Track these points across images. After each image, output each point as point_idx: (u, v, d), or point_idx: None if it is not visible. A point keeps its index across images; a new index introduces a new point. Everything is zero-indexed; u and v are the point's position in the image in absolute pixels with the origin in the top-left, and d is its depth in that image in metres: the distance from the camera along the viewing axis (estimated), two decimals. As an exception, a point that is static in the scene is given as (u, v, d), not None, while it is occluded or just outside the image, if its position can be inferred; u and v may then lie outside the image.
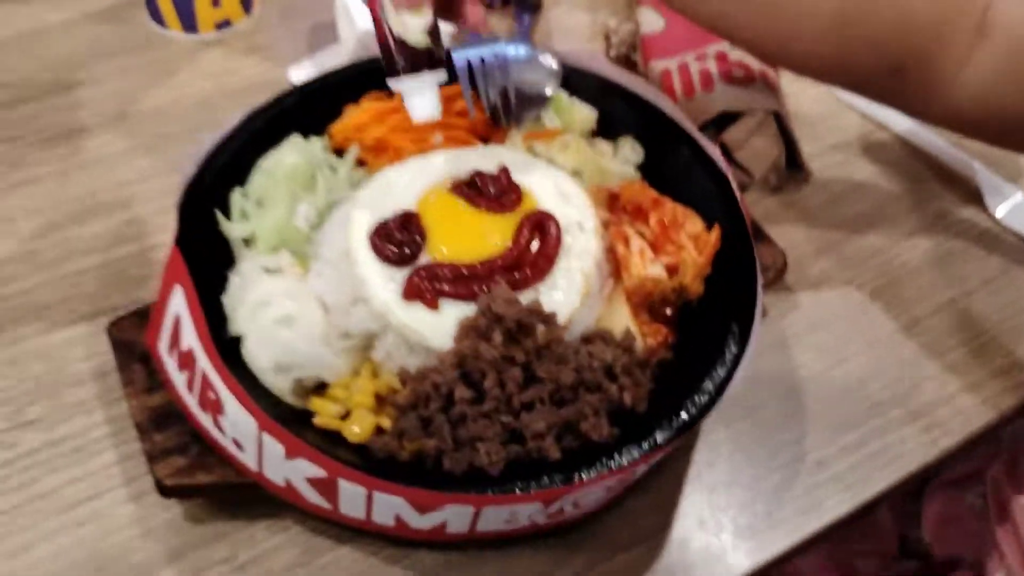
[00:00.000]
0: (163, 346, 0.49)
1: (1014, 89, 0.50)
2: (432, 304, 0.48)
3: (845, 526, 0.52)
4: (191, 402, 0.47)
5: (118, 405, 0.53)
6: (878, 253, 0.62)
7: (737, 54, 0.64)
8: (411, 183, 0.53)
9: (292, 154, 0.55)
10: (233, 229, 0.52)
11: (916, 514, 0.70)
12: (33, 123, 0.66)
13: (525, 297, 0.48)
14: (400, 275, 0.49)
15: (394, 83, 0.51)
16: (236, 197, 0.54)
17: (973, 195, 0.66)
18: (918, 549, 0.70)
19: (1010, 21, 0.49)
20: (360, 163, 0.57)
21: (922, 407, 0.55)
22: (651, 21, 0.69)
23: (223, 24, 0.72)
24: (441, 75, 0.51)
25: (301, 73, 0.70)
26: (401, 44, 0.50)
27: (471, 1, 0.52)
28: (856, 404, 0.55)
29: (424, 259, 0.50)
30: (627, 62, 0.72)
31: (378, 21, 0.50)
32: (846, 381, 0.56)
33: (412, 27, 0.49)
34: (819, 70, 0.53)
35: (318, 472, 0.44)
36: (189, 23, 0.71)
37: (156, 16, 0.72)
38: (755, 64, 0.64)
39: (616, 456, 0.45)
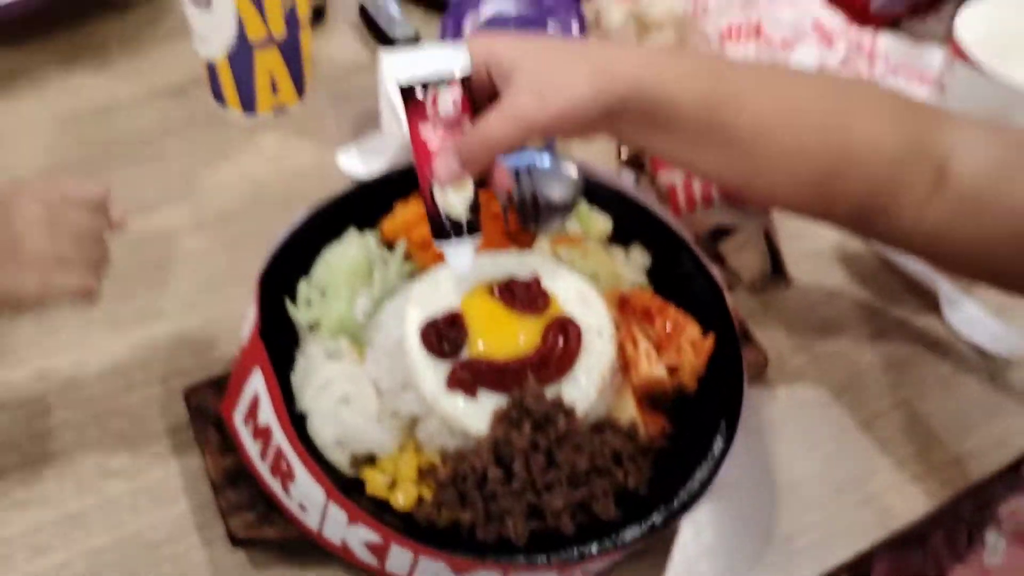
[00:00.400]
0: (239, 417, 0.57)
1: (963, 233, 0.57)
2: (472, 394, 0.57)
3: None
4: (262, 468, 0.56)
5: (190, 459, 0.61)
6: (845, 354, 0.72)
7: (734, 174, 0.73)
8: (456, 283, 0.61)
9: (352, 248, 0.63)
10: (300, 315, 0.61)
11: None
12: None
13: (549, 391, 0.57)
14: (444, 366, 0.58)
15: (438, 244, 0.58)
16: (303, 287, 0.62)
17: (932, 304, 0.75)
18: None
19: (965, 172, 0.56)
20: (407, 256, 0.66)
21: (876, 493, 0.65)
22: (660, 133, 0.78)
23: (279, 107, 0.81)
24: (478, 239, 0.58)
25: (348, 158, 0.79)
26: (446, 215, 0.57)
27: (499, 171, 0.58)
28: (820, 487, 0.65)
29: (465, 353, 0.58)
30: (636, 166, 0.81)
31: (426, 194, 0.57)
32: (813, 467, 0.66)
33: (455, 203, 0.57)
34: (793, 210, 0.61)
35: (374, 537, 0.53)
36: (249, 104, 0.80)
37: (218, 96, 0.80)
38: (750, 185, 0.73)
39: (620, 534, 0.54)
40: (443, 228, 0.57)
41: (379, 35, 0.88)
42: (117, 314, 0.67)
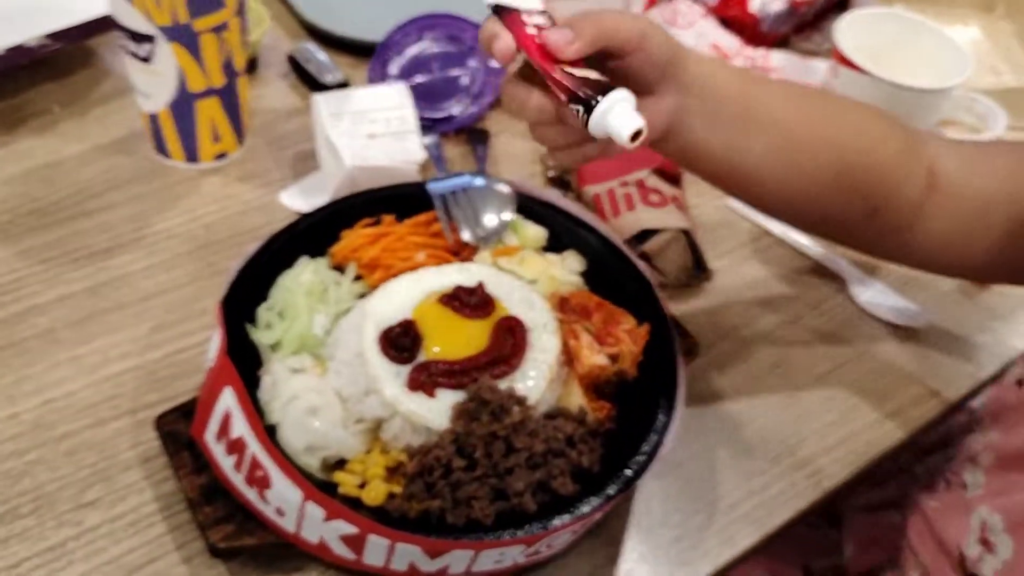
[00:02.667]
0: (211, 436, 0.60)
1: (961, 238, 0.65)
2: (431, 393, 0.61)
3: (755, 553, 0.66)
4: (238, 480, 0.59)
5: (164, 485, 0.64)
6: (768, 336, 0.78)
7: (652, 182, 0.80)
8: (407, 295, 0.66)
9: (306, 273, 0.68)
10: (263, 337, 0.65)
11: (831, 542, 0.85)
12: (63, 245, 0.77)
13: (503, 385, 0.62)
14: (404, 371, 0.62)
15: (592, 116, 0.52)
16: (262, 311, 0.66)
17: (841, 286, 0.83)
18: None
19: (948, 172, 0.65)
20: (357, 278, 0.70)
21: (807, 457, 0.71)
22: (582, 151, 0.84)
23: (220, 155, 0.85)
24: (623, 91, 0.52)
25: (290, 196, 0.83)
26: (580, 79, 0.52)
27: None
28: (757, 457, 0.70)
29: (421, 357, 0.63)
30: (562, 183, 0.88)
31: (556, 80, 0.53)
32: (749, 439, 0.71)
33: (584, 72, 0.53)
34: (814, 215, 0.66)
35: (352, 530, 0.56)
36: (192, 154, 0.83)
37: (162, 149, 0.84)
38: (668, 191, 0.80)
39: (580, 507, 0.58)
40: (585, 97, 0.52)
41: (310, 82, 0.93)
42: (81, 356, 0.70)
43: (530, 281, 0.71)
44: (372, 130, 0.82)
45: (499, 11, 0.56)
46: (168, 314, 0.73)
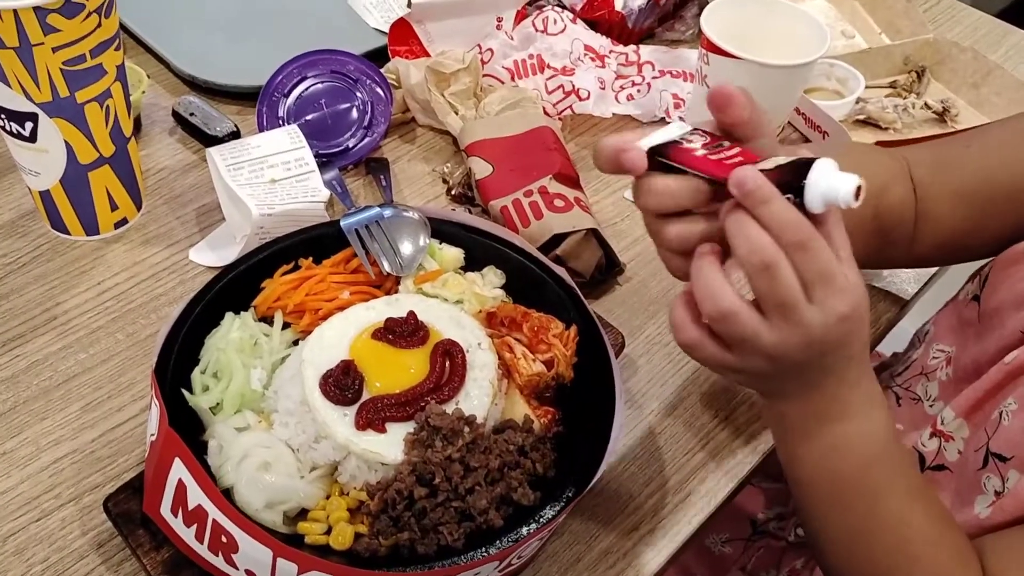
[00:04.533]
0: (166, 509, 0.60)
1: (961, 233, 0.75)
2: (381, 429, 0.62)
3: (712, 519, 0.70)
4: (201, 549, 0.59)
5: (123, 567, 0.63)
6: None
7: (555, 188, 0.83)
8: (340, 336, 0.66)
9: (234, 330, 0.67)
10: (201, 401, 0.64)
11: (780, 494, 0.89)
12: (-31, 339, 0.74)
13: (449, 408, 0.63)
14: (350, 411, 0.63)
15: (812, 188, 0.51)
16: (196, 376, 0.66)
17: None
18: (767, 528, 0.90)
19: (922, 180, 0.75)
20: (285, 325, 0.70)
21: (740, 425, 0.75)
22: (481, 168, 0.86)
23: (120, 223, 0.83)
24: (823, 160, 0.52)
25: (200, 252, 0.82)
26: (776, 170, 0.52)
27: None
28: (697, 431, 0.74)
29: (365, 395, 0.64)
30: (466, 199, 0.89)
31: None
32: (687, 416, 0.75)
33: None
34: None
35: (328, 578, 0.57)
36: (91, 227, 0.82)
37: (58, 225, 0.82)
38: (570, 194, 0.83)
39: (544, 513, 0.60)
40: (792, 179, 0.52)
41: (198, 135, 0.92)
42: (11, 451, 0.68)
43: (456, 302, 0.72)
44: (272, 175, 0.82)
45: (658, 151, 0.55)
46: (95, 392, 0.72)
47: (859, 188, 0.50)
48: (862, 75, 1.03)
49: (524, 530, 0.59)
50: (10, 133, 0.75)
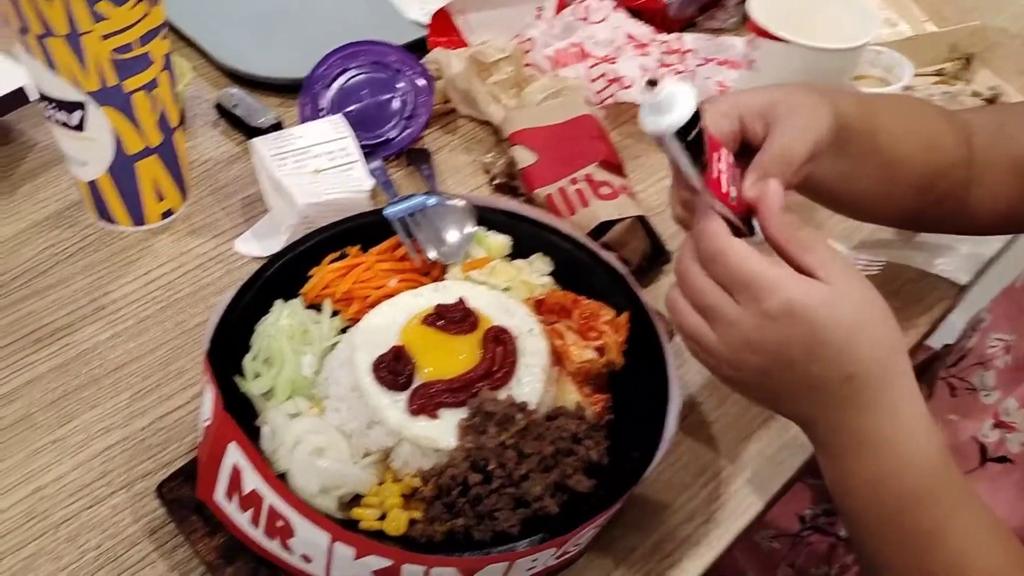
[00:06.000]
0: (220, 495, 0.59)
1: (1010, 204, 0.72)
2: (433, 415, 0.61)
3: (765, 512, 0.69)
4: (257, 534, 0.58)
5: (176, 553, 0.62)
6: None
7: (600, 175, 0.82)
8: (389, 322, 0.66)
9: (284, 317, 0.67)
10: (253, 387, 0.64)
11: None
12: (20, 327, 0.74)
13: (501, 394, 0.63)
14: (402, 397, 0.62)
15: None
16: (247, 362, 0.65)
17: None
18: (816, 523, 0.88)
19: (979, 144, 0.71)
20: (334, 313, 0.70)
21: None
22: (524, 157, 0.86)
23: (166, 213, 0.83)
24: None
25: (245, 243, 0.82)
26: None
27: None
28: (751, 420, 0.73)
29: (416, 381, 0.63)
30: (509, 189, 0.89)
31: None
32: (740, 403, 0.74)
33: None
34: (881, 221, 0.77)
35: (385, 563, 0.56)
36: (138, 217, 0.82)
37: (105, 216, 0.82)
38: (616, 182, 0.82)
39: (602, 501, 0.59)
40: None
41: (241, 127, 0.92)
42: (63, 438, 0.68)
43: (504, 289, 0.72)
44: (316, 165, 0.82)
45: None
46: (145, 380, 0.72)
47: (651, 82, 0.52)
48: (910, 63, 1.01)
49: (582, 517, 0.58)
50: (58, 123, 0.75)
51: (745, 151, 0.60)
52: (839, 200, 0.70)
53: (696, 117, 0.53)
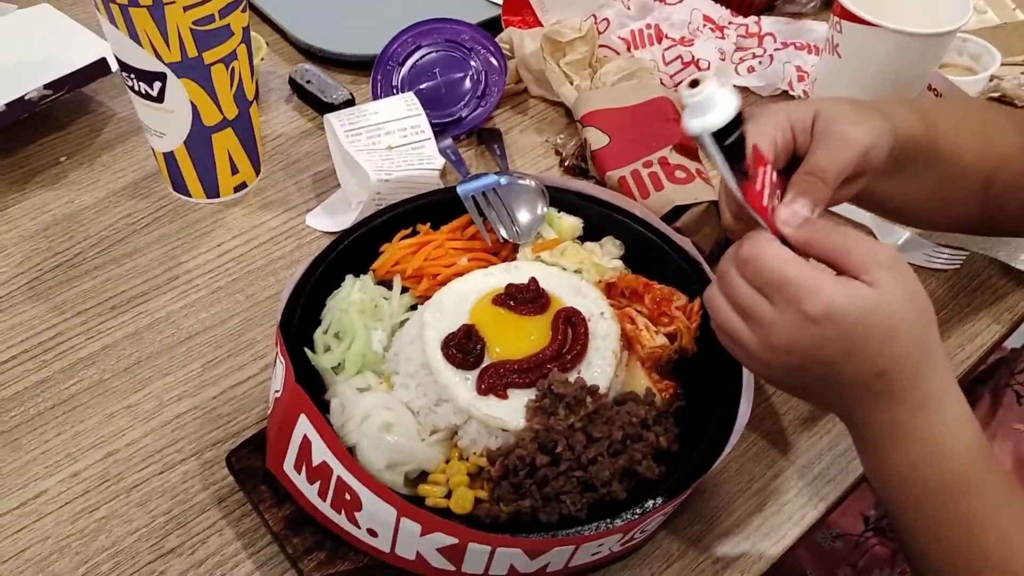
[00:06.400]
0: (289, 466, 0.60)
1: None
2: (502, 395, 0.61)
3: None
4: (324, 506, 0.58)
5: (244, 522, 0.63)
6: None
7: (675, 159, 0.80)
8: (460, 301, 0.66)
9: (355, 292, 0.67)
10: (324, 361, 0.64)
11: None
12: (97, 295, 0.76)
13: (571, 376, 0.62)
14: (471, 376, 0.62)
15: None
16: (318, 336, 0.66)
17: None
18: (880, 526, 0.86)
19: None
20: (404, 290, 0.70)
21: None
22: (597, 139, 0.84)
23: (240, 187, 0.84)
24: None
25: (316, 218, 0.83)
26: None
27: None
28: (817, 416, 0.71)
29: (486, 360, 0.63)
30: (580, 171, 0.88)
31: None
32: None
33: None
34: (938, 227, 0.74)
35: (450, 541, 0.56)
36: (212, 189, 0.83)
37: (180, 187, 0.83)
38: (691, 166, 0.80)
39: (670, 488, 0.58)
40: None
41: (314, 103, 0.92)
42: (136, 404, 0.69)
43: (575, 271, 0.71)
44: (389, 142, 0.82)
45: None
46: (217, 350, 0.73)
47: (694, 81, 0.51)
48: (997, 52, 0.97)
49: (650, 503, 0.58)
50: (138, 93, 0.76)
51: (797, 163, 0.59)
52: (900, 212, 0.68)
53: (738, 121, 0.52)
